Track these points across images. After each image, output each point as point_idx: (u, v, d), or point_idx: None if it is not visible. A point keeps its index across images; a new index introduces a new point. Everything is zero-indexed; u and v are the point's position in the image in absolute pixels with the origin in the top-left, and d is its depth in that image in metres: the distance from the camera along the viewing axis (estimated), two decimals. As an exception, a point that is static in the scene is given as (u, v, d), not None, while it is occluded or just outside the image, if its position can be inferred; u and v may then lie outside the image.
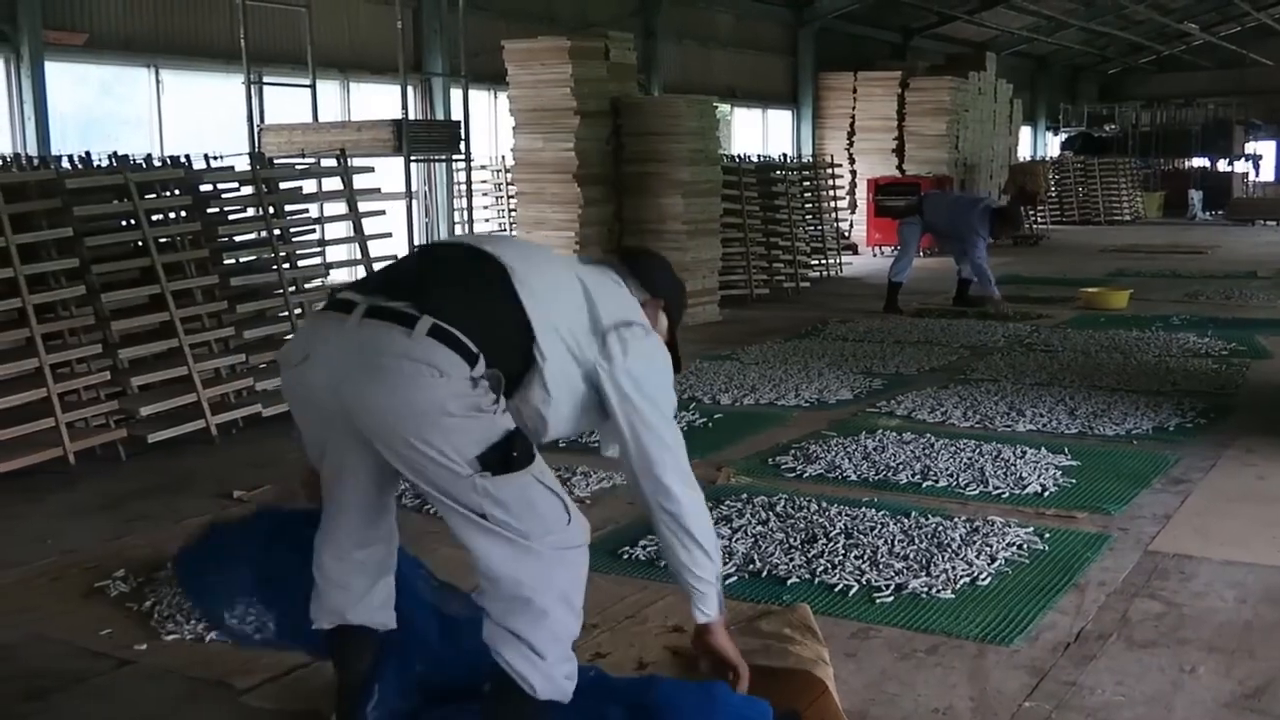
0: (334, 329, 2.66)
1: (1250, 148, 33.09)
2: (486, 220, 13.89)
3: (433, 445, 2.53)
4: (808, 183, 14.60)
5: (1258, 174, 33.32)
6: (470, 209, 11.84)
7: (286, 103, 11.56)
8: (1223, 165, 31.55)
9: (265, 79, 11.13)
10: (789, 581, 4.04)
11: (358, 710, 2.92)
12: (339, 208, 7.65)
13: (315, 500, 2.92)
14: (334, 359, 2.62)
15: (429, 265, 2.86)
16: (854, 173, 18.32)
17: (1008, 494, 5.06)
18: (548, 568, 2.64)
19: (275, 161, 8.22)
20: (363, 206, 7.65)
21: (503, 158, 13.46)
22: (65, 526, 4.90)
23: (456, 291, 2.69)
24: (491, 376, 2.62)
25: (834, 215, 15.62)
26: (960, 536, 4.41)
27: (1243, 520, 4.78)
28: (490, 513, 2.59)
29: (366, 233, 7.64)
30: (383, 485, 2.83)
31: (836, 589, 3.98)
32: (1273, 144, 35.05)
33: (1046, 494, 5.07)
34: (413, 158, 10.29)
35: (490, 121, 14.86)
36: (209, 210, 6.99)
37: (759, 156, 13.96)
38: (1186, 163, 31.32)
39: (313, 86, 11.04)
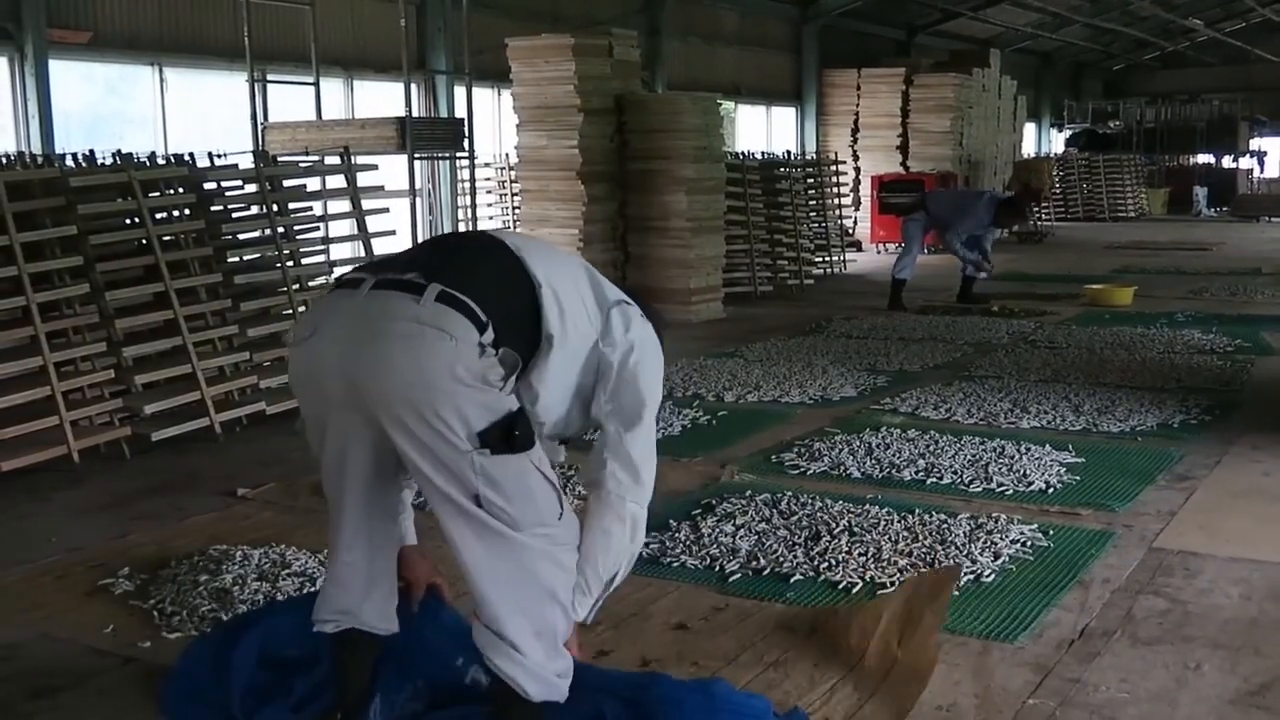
0: (343, 303, 2.67)
1: (1255, 144, 33.05)
2: (490, 218, 13.89)
3: (437, 413, 2.51)
4: (811, 180, 14.58)
5: (1263, 170, 33.28)
6: (474, 207, 11.84)
7: (290, 101, 11.56)
8: (1228, 162, 31.51)
9: (269, 77, 11.13)
10: (793, 579, 4.04)
11: (357, 717, 2.92)
12: (343, 206, 7.65)
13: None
14: (341, 330, 2.61)
15: (435, 246, 2.91)
16: (858, 170, 18.31)
17: (1012, 491, 5.06)
18: (533, 563, 2.62)
19: (279, 159, 8.22)
20: (366, 204, 7.65)
21: (506, 155, 13.46)
22: (70, 525, 4.90)
23: (464, 265, 2.72)
24: (505, 355, 2.61)
25: (838, 212, 15.59)
26: (964, 533, 4.41)
27: (1248, 517, 4.77)
28: (484, 494, 2.56)
29: (370, 231, 7.64)
30: (383, 479, 2.79)
31: (840, 586, 3.97)
32: (1278, 140, 34.98)
33: (1051, 491, 5.06)
34: (416, 155, 10.28)
35: (494, 119, 14.86)
36: (213, 208, 6.99)
37: (763, 154, 13.96)
38: (1191, 159, 31.28)
39: (316, 84, 11.04)
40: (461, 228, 12.44)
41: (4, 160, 6.74)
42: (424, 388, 2.51)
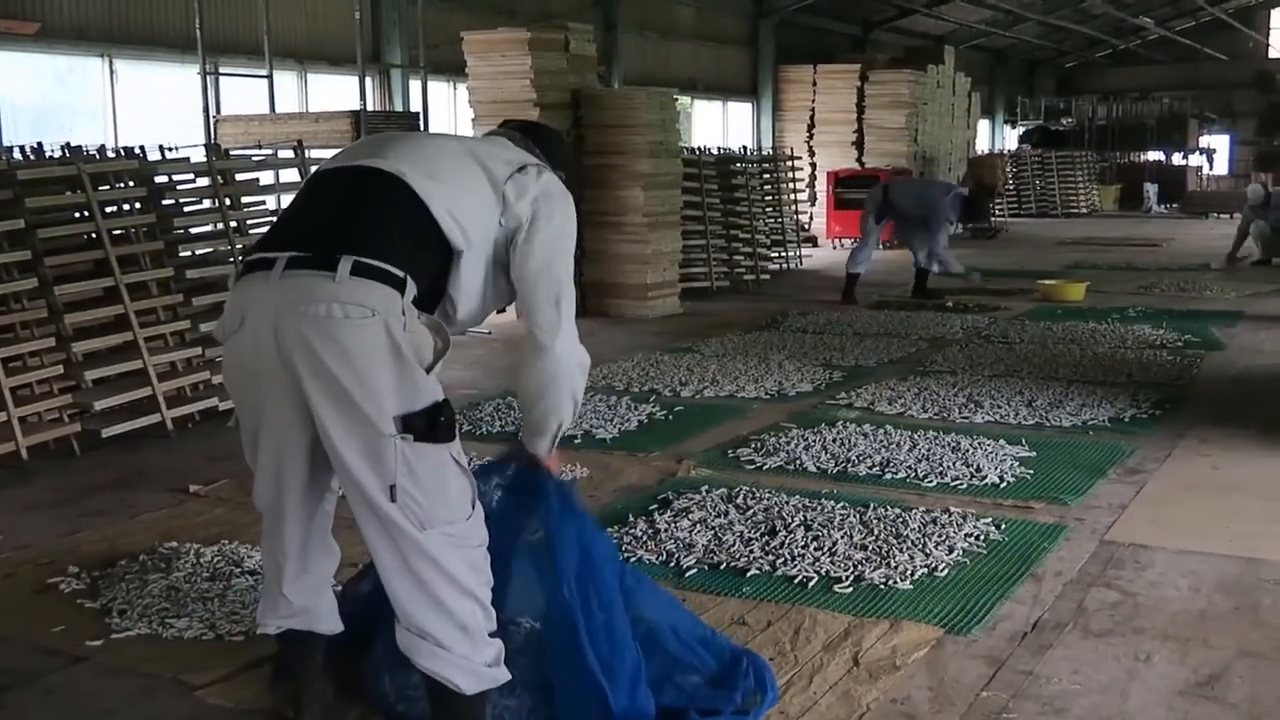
0: (259, 289, 2.64)
1: (1204, 141, 33.49)
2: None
3: (366, 394, 2.54)
4: (768, 175, 14.62)
5: (1211, 167, 33.70)
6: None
7: (243, 93, 11.46)
8: (1178, 159, 31.90)
9: (221, 69, 11.02)
10: (749, 573, 4.05)
11: (307, 708, 2.95)
12: (296, 200, 7.58)
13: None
14: (266, 319, 2.61)
15: (328, 199, 2.81)
16: (814, 165, 18.38)
17: (966, 485, 5.09)
18: (444, 560, 2.64)
19: (231, 153, 8.14)
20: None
21: (462, 150, 13.40)
22: (18, 522, 4.83)
23: (363, 218, 2.69)
24: (428, 321, 2.66)
25: (794, 208, 15.66)
26: (918, 527, 4.44)
27: (1197, 510, 4.83)
28: (400, 484, 2.58)
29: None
30: (318, 483, 2.82)
31: (796, 580, 3.99)
32: (1226, 138, 35.45)
33: (1004, 485, 5.10)
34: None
35: (450, 113, 14.79)
36: (164, 202, 6.92)
37: (719, 149, 13.97)
38: (1142, 156, 31.66)
39: (269, 77, 10.94)
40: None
41: (-50, 153, 6.63)
42: (352, 369, 2.54)
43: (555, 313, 2.86)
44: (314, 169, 2.92)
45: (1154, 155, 31.74)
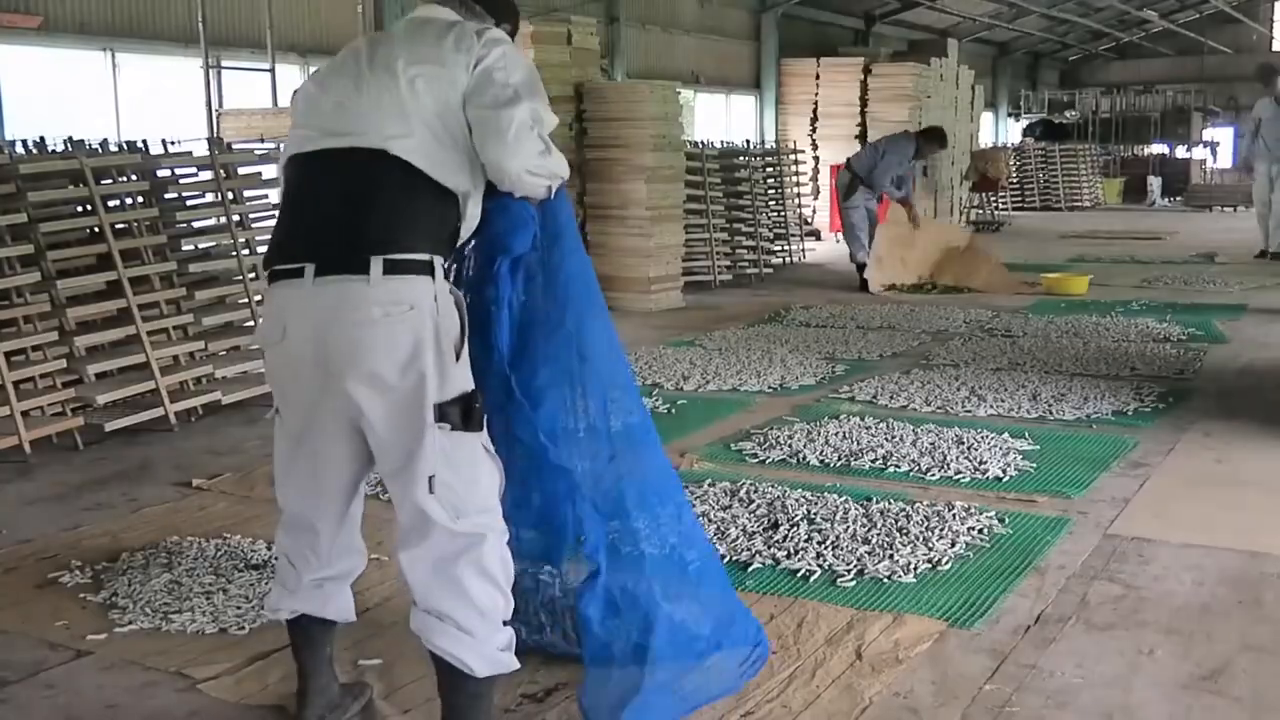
0: (296, 299, 2.66)
1: (1208, 134, 33.42)
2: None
3: (408, 382, 2.59)
4: (771, 169, 14.60)
5: (1215, 160, 33.65)
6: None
7: (246, 87, 11.45)
8: (1181, 152, 31.85)
9: (224, 63, 11.02)
10: (751, 567, 4.05)
11: (312, 701, 2.96)
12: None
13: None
14: (307, 327, 2.64)
15: (328, 192, 2.73)
16: (817, 159, 18.33)
17: (968, 478, 5.09)
18: (474, 549, 2.67)
19: (234, 146, 8.13)
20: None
21: (465, 143, 13.40)
22: (20, 516, 4.84)
23: (376, 209, 2.67)
24: (456, 297, 2.69)
25: (797, 201, 15.63)
26: (921, 521, 4.43)
27: (1201, 503, 4.83)
28: (440, 474, 2.62)
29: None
30: (354, 483, 2.85)
31: (799, 574, 3.99)
32: (1230, 130, 35.36)
33: (1007, 478, 5.10)
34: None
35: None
36: (166, 196, 6.91)
37: (722, 142, 13.95)
38: (1146, 149, 31.60)
39: (272, 70, 10.94)
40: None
41: (-48, 146, 6.63)
42: (395, 365, 2.59)
43: (502, 144, 2.71)
44: (288, 153, 2.83)
45: (1158, 148, 31.68)
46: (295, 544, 2.90)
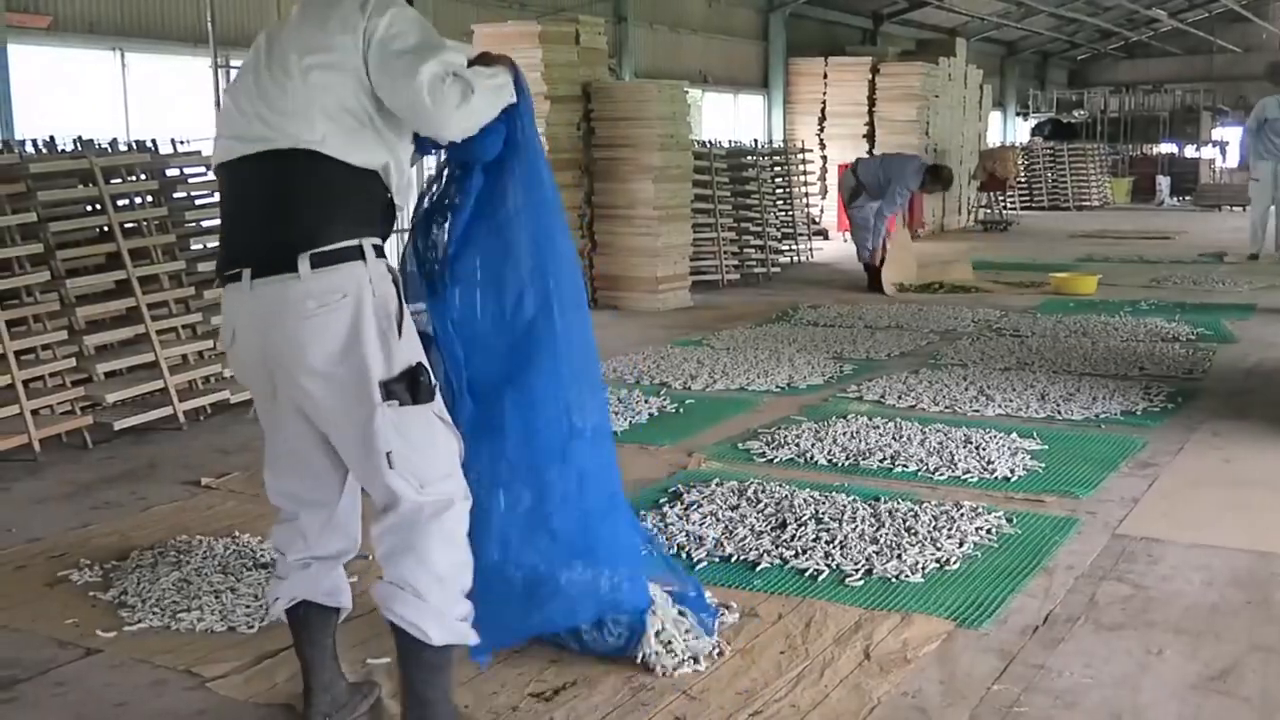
0: (240, 302, 2.76)
1: (1217, 134, 33.31)
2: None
3: (350, 367, 2.66)
4: (779, 168, 14.59)
5: (1224, 160, 33.54)
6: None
7: (254, 87, 11.44)
8: (1190, 151, 31.75)
9: (233, 62, 11.00)
10: (759, 566, 4.05)
11: (317, 699, 2.96)
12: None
13: None
14: (251, 330, 2.74)
15: (253, 197, 2.76)
16: (825, 158, 18.31)
17: (976, 478, 5.08)
18: (439, 517, 2.74)
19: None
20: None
21: (473, 143, 13.40)
22: (30, 515, 4.85)
23: (295, 206, 2.71)
24: (391, 272, 2.76)
25: (805, 200, 15.62)
26: (929, 521, 4.43)
27: (1210, 503, 4.82)
28: (396, 450, 2.68)
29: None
30: (335, 467, 2.88)
31: (807, 573, 3.99)
32: (1239, 130, 35.27)
33: (1015, 478, 5.09)
34: (382, 142, 10.21)
35: (461, 106, 14.77)
36: (175, 195, 6.93)
37: (730, 141, 13.94)
38: (1154, 149, 31.50)
39: (281, 70, 10.91)
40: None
41: (-38, 146, 6.65)
42: (337, 352, 2.66)
43: (469, 102, 2.72)
44: (214, 163, 2.88)
45: (1166, 148, 31.58)
46: (284, 532, 2.95)
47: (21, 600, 3.90)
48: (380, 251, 2.78)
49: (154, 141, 7.07)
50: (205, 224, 7.14)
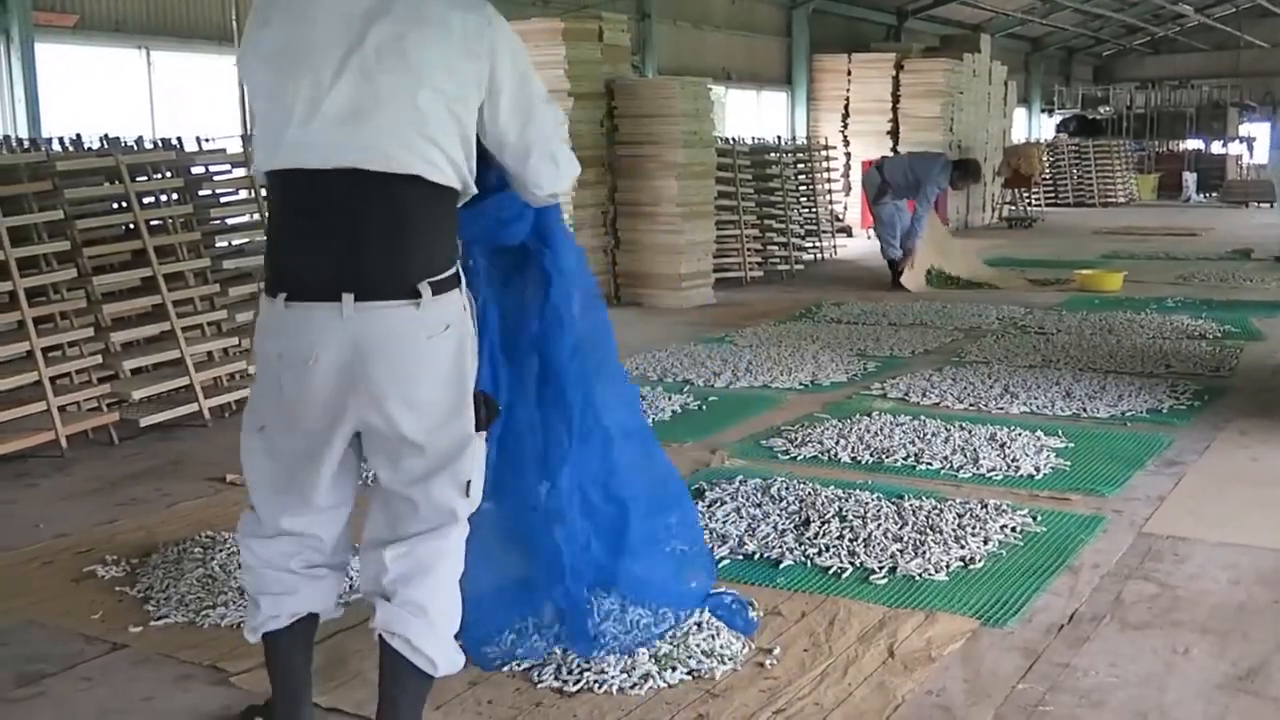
0: (330, 324, 2.53)
1: (1244, 130, 33.07)
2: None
3: (450, 397, 2.63)
4: (802, 165, 14.57)
5: (1252, 156, 33.30)
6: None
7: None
8: (1217, 147, 31.54)
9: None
10: (783, 564, 4.04)
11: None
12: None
13: None
14: (346, 353, 2.54)
15: (358, 214, 2.56)
16: (848, 155, 18.27)
17: (1001, 476, 5.06)
18: (461, 543, 2.74)
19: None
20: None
21: (496, 140, 13.45)
22: (57, 511, 4.89)
23: (412, 230, 2.57)
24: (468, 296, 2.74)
25: (828, 197, 15.59)
26: (954, 519, 4.41)
27: (1237, 502, 4.79)
28: (475, 481, 2.69)
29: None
30: (351, 477, 2.81)
31: (830, 571, 3.98)
32: (1267, 126, 34.99)
33: (1040, 476, 5.07)
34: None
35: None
36: (201, 193, 6.96)
37: (753, 138, 13.93)
38: (1181, 145, 31.31)
39: (305, 68, 10.96)
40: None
41: (-10, 144, 6.70)
42: (440, 383, 2.62)
43: (555, 169, 2.81)
44: (279, 162, 2.58)
45: (1193, 144, 31.39)
46: (292, 548, 2.77)
47: (48, 595, 3.92)
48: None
49: (179, 139, 7.10)
50: (230, 221, 7.18)
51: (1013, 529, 4.35)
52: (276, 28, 2.58)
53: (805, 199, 14.34)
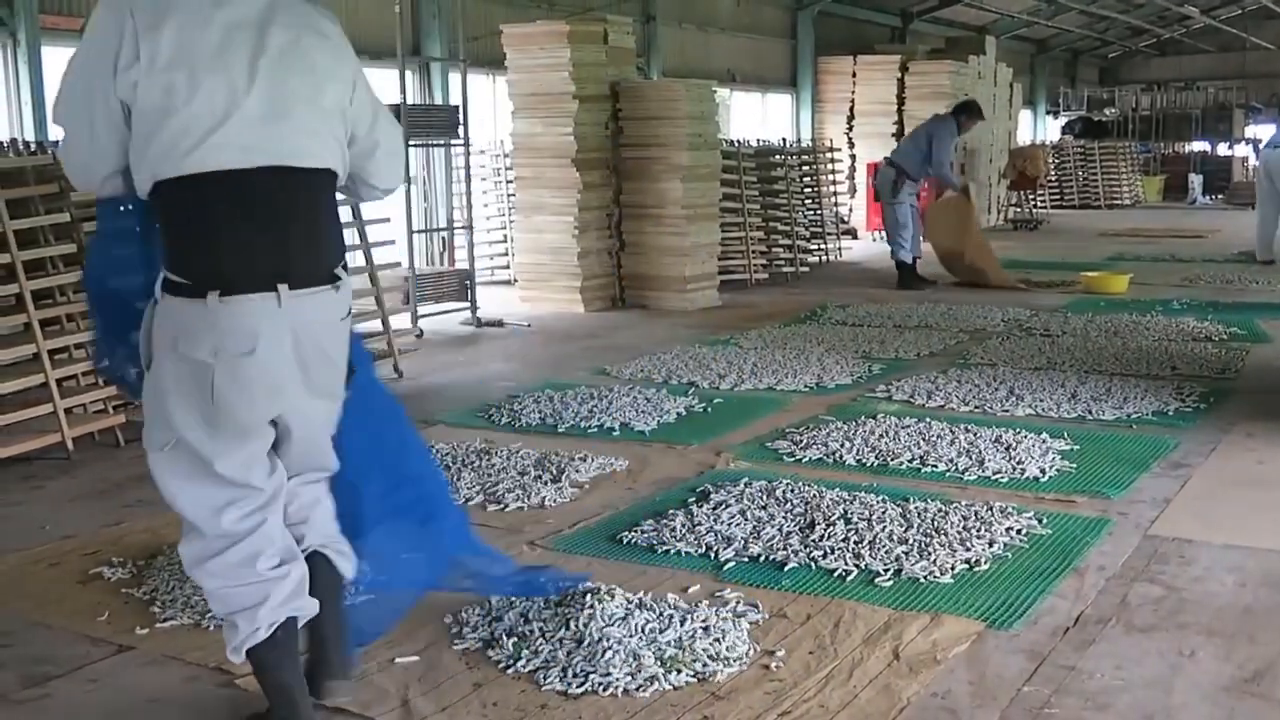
0: (269, 312, 2.72)
1: (1250, 132, 32.99)
2: (485, 205, 13.87)
3: (342, 368, 2.95)
4: (807, 167, 14.56)
5: (1258, 158, 33.24)
6: (469, 194, 11.81)
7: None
8: (1223, 149, 31.49)
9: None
10: (788, 567, 4.04)
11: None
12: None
13: None
14: (284, 338, 2.75)
15: (277, 211, 2.75)
16: (853, 157, 18.26)
17: (1006, 478, 5.06)
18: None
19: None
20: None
21: (501, 142, 13.44)
22: (63, 512, 4.90)
23: (326, 218, 2.91)
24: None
25: (833, 200, 15.58)
26: (959, 521, 4.41)
27: (1243, 504, 4.78)
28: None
29: (365, 218, 7.62)
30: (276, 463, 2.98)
31: (835, 573, 3.98)
32: (1273, 127, 34.91)
33: (1045, 478, 5.07)
34: (412, 142, 10.26)
35: (490, 106, 14.82)
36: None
37: (758, 140, 13.93)
38: (1186, 147, 31.25)
39: (311, 71, 10.97)
40: (457, 216, 12.38)
41: (-4, 147, 6.71)
42: (342, 356, 2.94)
43: (397, 165, 3.18)
44: (208, 168, 2.66)
45: (1199, 146, 31.32)
46: (247, 547, 2.83)
47: (54, 597, 3.93)
48: None
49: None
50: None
51: (1018, 531, 4.35)
52: (170, 36, 2.65)
53: (810, 201, 14.33)
